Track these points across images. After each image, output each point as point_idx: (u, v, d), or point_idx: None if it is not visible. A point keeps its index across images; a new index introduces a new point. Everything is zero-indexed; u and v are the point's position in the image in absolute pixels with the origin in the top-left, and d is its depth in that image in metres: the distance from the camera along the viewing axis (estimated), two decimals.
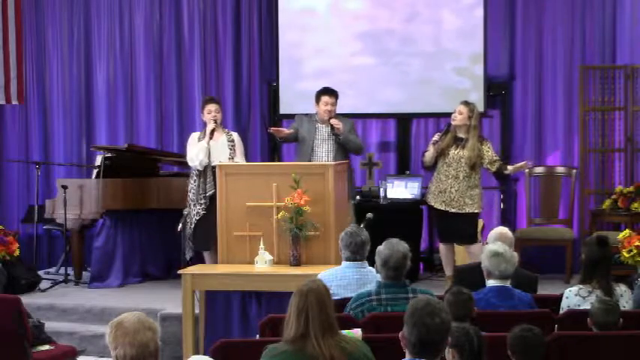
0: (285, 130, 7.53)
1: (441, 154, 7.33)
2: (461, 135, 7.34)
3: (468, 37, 8.77)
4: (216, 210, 6.52)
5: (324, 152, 7.40)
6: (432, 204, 7.47)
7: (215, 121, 7.14)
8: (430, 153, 7.37)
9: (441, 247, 7.58)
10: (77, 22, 9.70)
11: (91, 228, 8.43)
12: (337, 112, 7.44)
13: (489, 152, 7.35)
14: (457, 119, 7.31)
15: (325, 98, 7.38)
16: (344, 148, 7.41)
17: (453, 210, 7.32)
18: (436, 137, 7.34)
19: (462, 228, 7.33)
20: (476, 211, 7.39)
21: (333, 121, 7.32)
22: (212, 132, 7.11)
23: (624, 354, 4.15)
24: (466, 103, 7.39)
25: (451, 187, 7.32)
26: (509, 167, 7.44)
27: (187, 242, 7.17)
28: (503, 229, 5.54)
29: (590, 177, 8.65)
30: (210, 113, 7.17)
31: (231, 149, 7.19)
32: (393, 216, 7.89)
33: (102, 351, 6.69)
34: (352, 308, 4.63)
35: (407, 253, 4.64)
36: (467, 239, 7.35)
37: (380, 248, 4.68)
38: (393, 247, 4.63)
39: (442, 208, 7.37)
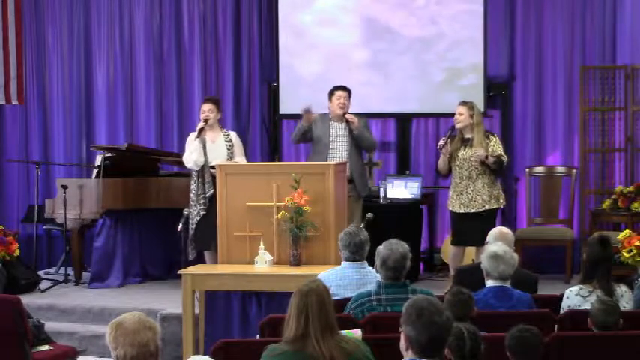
0: (313, 116, 7.44)
1: (452, 158, 7.32)
2: (467, 135, 7.32)
3: (468, 37, 8.77)
4: (215, 210, 6.53)
5: (339, 149, 7.40)
6: (451, 209, 7.40)
7: (206, 121, 7.16)
8: (442, 160, 7.35)
9: (453, 248, 7.47)
10: (77, 22, 9.71)
11: (91, 228, 8.43)
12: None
13: (495, 147, 7.32)
14: (459, 121, 7.30)
15: (338, 92, 7.43)
16: (358, 145, 7.43)
17: (472, 211, 7.25)
18: (441, 142, 7.32)
19: (479, 227, 7.20)
20: (495, 207, 7.34)
21: (349, 116, 7.34)
22: (200, 131, 7.13)
23: (624, 354, 4.15)
24: (464, 103, 7.37)
25: (467, 188, 7.27)
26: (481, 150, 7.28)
27: (190, 243, 7.18)
28: (504, 229, 5.54)
29: (590, 177, 8.65)
30: (203, 113, 7.23)
31: (229, 149, 7.21)
32: (393, 216, 7.90)
33: (102, 351, 6.68)
34: (352, 308, 4.63)
35: (406, 253, 4.64)
36: (481, 239, 7.24)
37: (379, 248, 4.69)
38: (392, 247, 4.64)
39: (461, 210, 7.29)
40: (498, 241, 5.11)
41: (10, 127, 9.92)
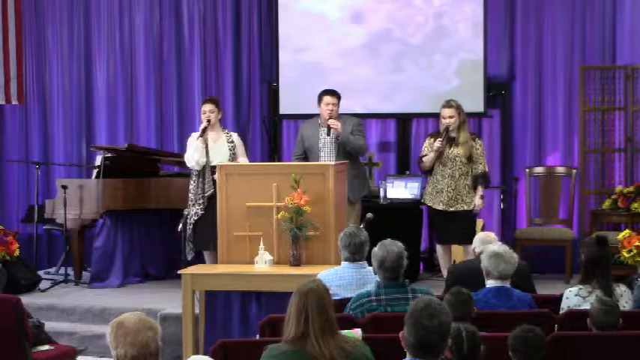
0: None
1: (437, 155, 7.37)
2: (453, 134, 7.37)
3: (468, 37, 8.77)
4: (215, 210, 6.53)
5: (326, 154, 7.40)
6: (430, 204, 7.49)
7: (208, 121, 7.18)
8: (431, 157, 7.37)
9: (439, 248, 7.58)
10: (77, 22, 9.71)
11: (91, 228, 8.43)
12: (340, 112, 7.46)
13: (479, 151, 7.39)
14: (452, 123, 7.34)
15: (326, 98, 7.40)
16: (345, 149, 7.42)
17: (451, 209, 7.35)
18: (438, 143, 7.32)
19: (461, 227, 7.35)
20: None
21: (331, 122, 7.32)
22: (204, 131, 7.14)
23: (624, 354, 4.15)
24: (450, 105, 7.39)
25: (448, 187, 7.34)
26: (477, 200, 7.40)
27: (187, 243, 7.18)
28: (489, 233, 5.66)
29: (590, 177, 8.65)
30: (204, 114, 7.23)
31: (230, 150, 7.23)
32: (393, 216, 7.89)
33: (102, 351, 6.68)
34: (352, 308, 4.64)
35: (402, 252, 4.64)
36: (465, 238, 7.34)
37: (375, 250, 4.70)
38: (387, 248, 4.64)
39: (440, 208, 7.39)
40: (498, 242, 5.13)
41: (10, 127, 9.91)
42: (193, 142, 7.19)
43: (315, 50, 9.11)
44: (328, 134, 7.35)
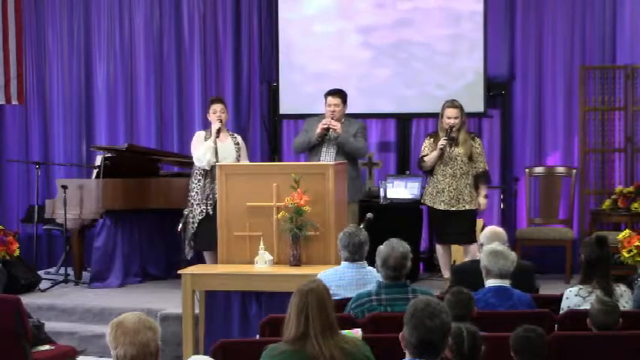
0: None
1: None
2: (453, 134, 7.37)
3: (468, 37, 8.77)
4: None
5: (326, 154, 7.42)
6: (431, 205, 7.49)
7: (220, 121, 7.18)
8: (433, 157, 7.37)
9: (439, 248, 7.58)
10: (77, 22, 9.71)
11: (91, 228, 8.43)
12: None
13: (478, 150, 7.41)
14: (456, 123, 7.33)
15: (329, 99, 7.45)
16: (344, 150, 7.43)
17: (452, 209, 7.34)
18: (443, 141, 7.32)
19: (462, 226, 7.35)
20: (475, 208, 7.42)
21: (329, 121, 7.34)
22: (218, 132, 7.14)
23: (624, 354, 4.15)
24: (454, 106, 7.38)
25: (449, 187, 7.35)
26: (481, 200, 7.44)
27: (189, 242, 7.18)
28: (497, 228, 5.58)
29: (590, 177, 8.65)
30: (215, 113, 7.22)
31: (237, 152, 7.27)
32: (393, 216, 7.90)
33: (102, 351, 6.69)
34: (352, 308, 4.64)
35: (407, 253, 4.64)
36: (466, 238, 7.35)
37: (380, 248, 4.70)
38: (392, 246, 4.64)
39: (442, 208, 7.39)
40: (496, 241, 5.12)
41: (10, 127, 9.92)
42: (203, 142, 7.18)
43: (315, 50, 9.10)
44: (326, 133, 7.36)
